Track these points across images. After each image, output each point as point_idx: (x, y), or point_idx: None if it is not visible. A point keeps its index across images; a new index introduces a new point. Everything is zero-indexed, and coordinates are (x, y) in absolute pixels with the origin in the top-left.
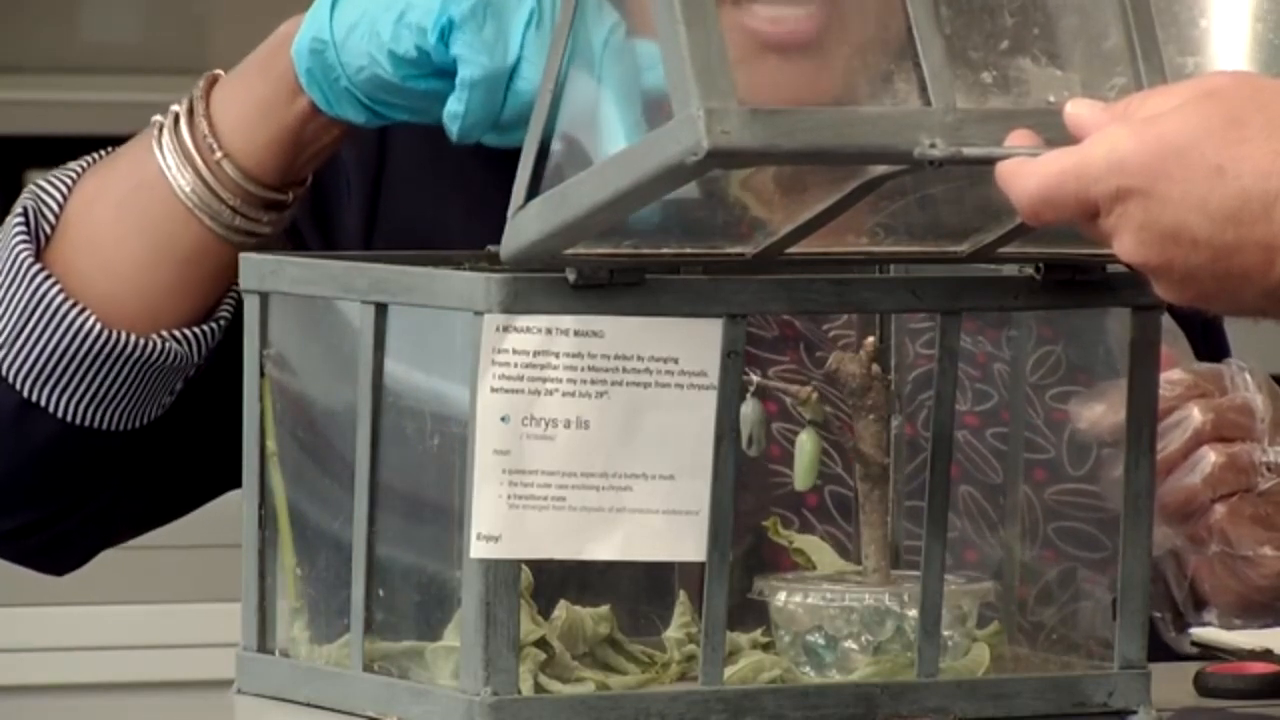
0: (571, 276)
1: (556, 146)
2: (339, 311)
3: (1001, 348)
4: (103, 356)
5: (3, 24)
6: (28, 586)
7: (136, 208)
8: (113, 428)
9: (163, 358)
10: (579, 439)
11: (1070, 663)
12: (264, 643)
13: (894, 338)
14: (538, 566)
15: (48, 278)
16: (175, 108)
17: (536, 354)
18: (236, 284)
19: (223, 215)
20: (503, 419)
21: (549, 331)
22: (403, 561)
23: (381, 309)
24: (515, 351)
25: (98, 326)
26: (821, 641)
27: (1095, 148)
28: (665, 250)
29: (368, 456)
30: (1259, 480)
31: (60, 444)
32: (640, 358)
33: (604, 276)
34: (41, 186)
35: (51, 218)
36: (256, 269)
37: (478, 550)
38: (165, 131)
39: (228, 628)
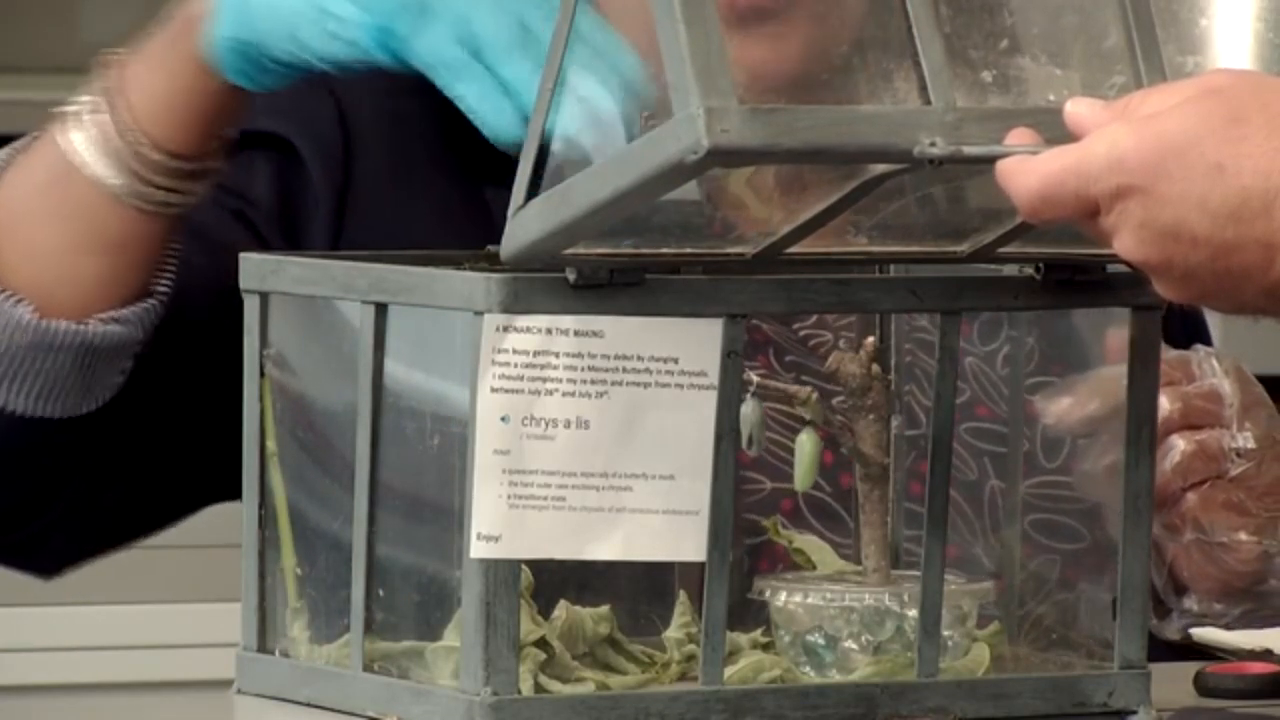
0: (571, 276)
1: (556, 146)
2: (339, 311)
3: (973, 342)
4: (41, 346)
5: (3, 24)
6: (28, 587)
7: (59, 199)
8: (61, 415)
9: (103, 341)
10: (579, 439)
11: (1070, 663)
12: (264, 643)
13: (893, 337)
14: (538, 566)
15: None
16: (85, 98)
17: (536, 354)
18: (172, 258)
19: (153, 196)
20: (503, 419)
21: (549, 331)
22: (403, 561)
23: (381, 309)
24: (515, 351)
25: (32, 316)
26: (821, 641)
27: (1095, 145)
28: (665, 250)
29: (368, 456)
30: (1229, 466)
31: (8, 437)
32: (640, 358)
33: (604, 276)
34: None
35: None
36: (257, 269)
37: (478, 550)
38: (79, 122)
39: (228, 628)
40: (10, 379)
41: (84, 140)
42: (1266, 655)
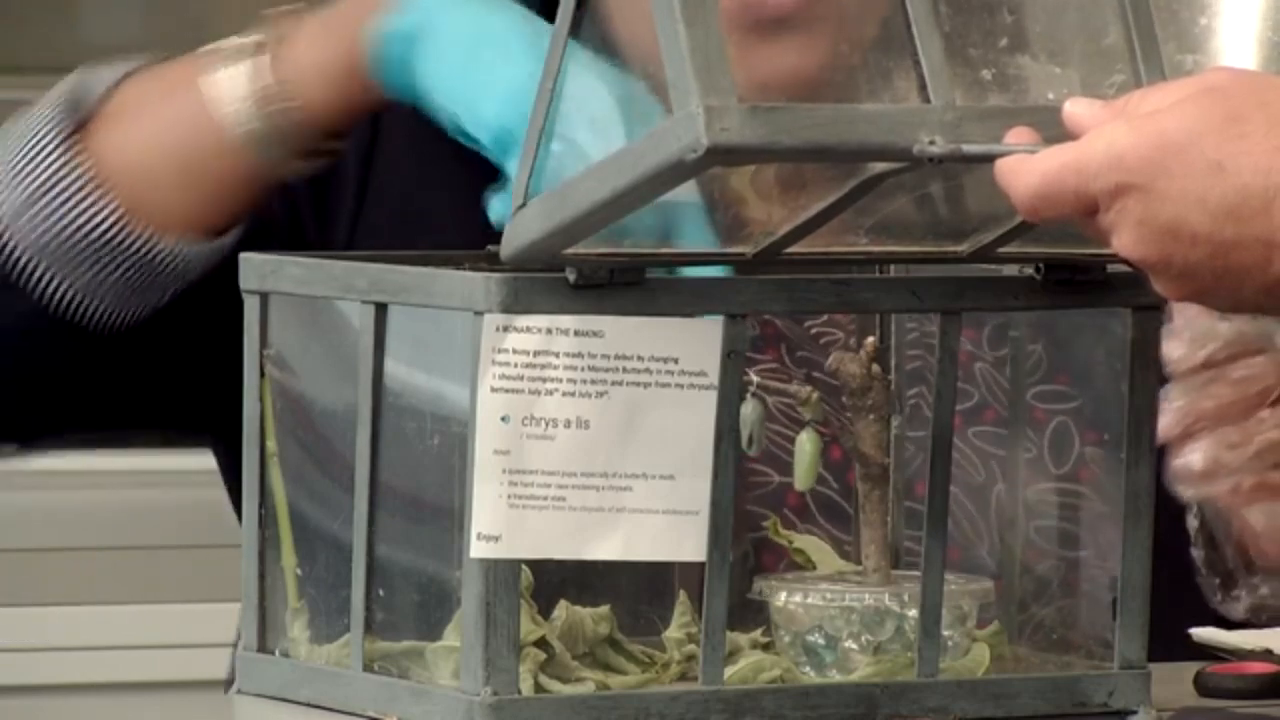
0: (571, 276)
1: (555, 146)
2: (339, 311)
3: (982, 346)
4: (109, 248)
5: (3, 24)
6: (28, 586)
7: (184, 127)
8: (90, 322)
9: (166, 261)
10: (579, 439)
11: (1070, 663)
12: (264, 643)
13: (894, 337)
14: (538, 566)
15: (74, 161)
16: (238, 39)
17: (536, 354)
18: (252, 211)
19: (277, 153)
20: (503, 419)
21: (549, 331)
22: (403, 561)
23: (381, 309)
24: (515, 351)
25: (113, 217)
26: (821, 641)
27: (1094, 143)
28: (665, 250)
29: (368, 456)
30: None
31: (37, 324)
32: (640, 358)
33: (604, 276)
34: (90, 73)
35: (94, 104)
36: (257, 269)
37: (477, 550)
38: (231, 67)
39: (228, 628)
40: (58, 271)
41: (232, 80)
42: (1266, 655)
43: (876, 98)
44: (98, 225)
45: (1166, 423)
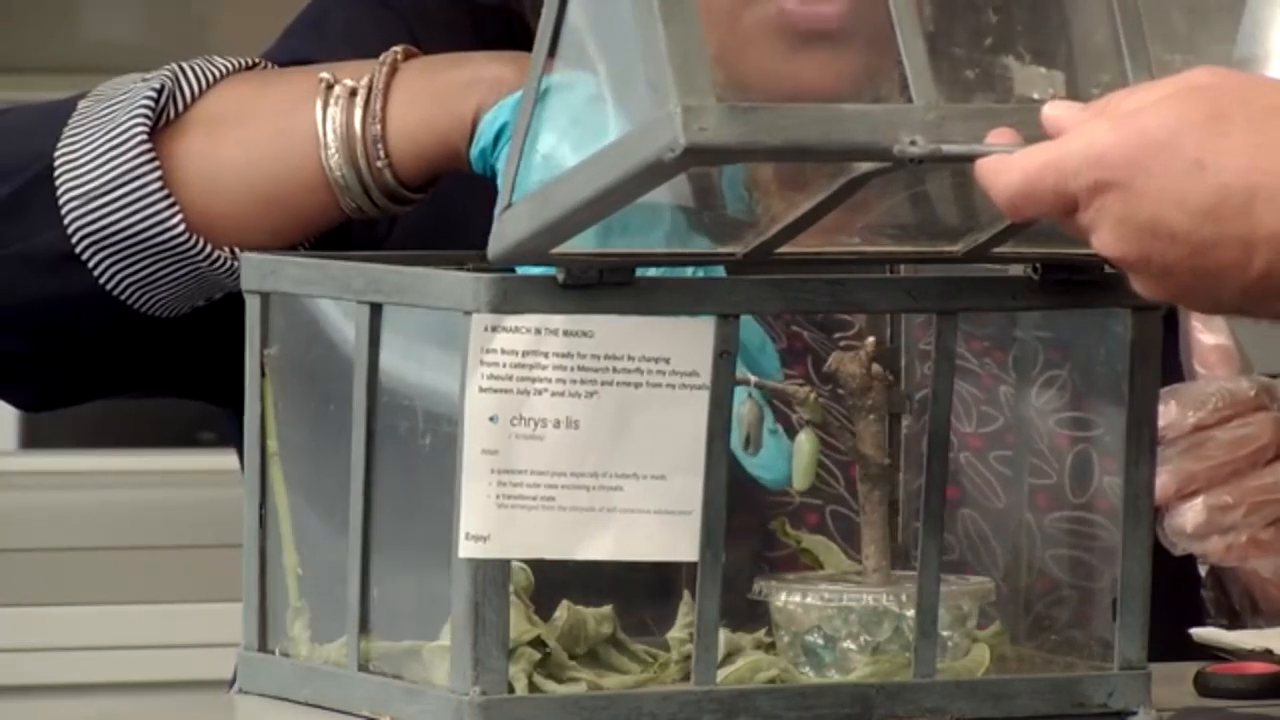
0: (561, 276)
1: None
2: (338, 311)
3: (1008, 370)
4: (173, 253)
5: (3, 24)
6: (28, 586)
7: (279, 157)
8: (141, 309)
9: (224, 271)
10: (569, 439)
11: (1070, 663)
12: (264, 642)
13: (903, 346)
14: (541, 566)
15: (153, 161)
16: (349, 82)
17: (526, 354)
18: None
19: (361, 202)
20: (491, 419)
21: (538, 331)
22: (402, 561)
23: (376, 308)
24: (504, 351)
25: (181, 227)
26: (820, 642)
27: (1074, 141)
28: (655, 250)
29: (363, 456)
30: None
31: (84, 303)
32: (631, 357)
33: (593, 276)
34: (184, 71)
35: (181, 105)
36: (257, 269)
37: (466, 550)
38: (334, 105)
39: (228, 628)
40: (121, 261)
41: (333, 121)
42: (1266, 655)
43: (859, 97)
44: (165, 230)
45: (1161, 483)
